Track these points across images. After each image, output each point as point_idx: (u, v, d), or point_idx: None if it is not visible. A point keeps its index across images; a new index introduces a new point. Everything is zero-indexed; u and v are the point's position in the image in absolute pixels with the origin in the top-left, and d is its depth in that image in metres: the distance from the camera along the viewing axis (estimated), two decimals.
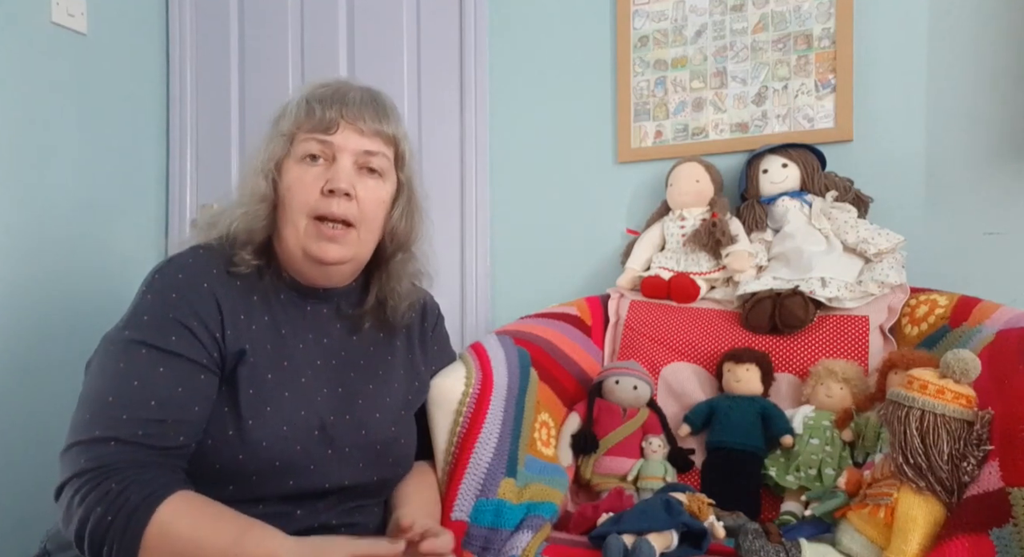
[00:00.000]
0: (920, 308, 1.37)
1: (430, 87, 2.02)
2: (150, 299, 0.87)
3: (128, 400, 0.81)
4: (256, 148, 0.98)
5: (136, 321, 0.86)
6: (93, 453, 0.79)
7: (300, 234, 0.93)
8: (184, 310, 0.86)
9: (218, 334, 0.88)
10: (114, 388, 0.82)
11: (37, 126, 1.89)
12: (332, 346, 1.00)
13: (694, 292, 1.57)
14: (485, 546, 1.05)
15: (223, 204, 0.99)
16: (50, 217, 1.91)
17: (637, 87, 1.82)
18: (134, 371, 0.83)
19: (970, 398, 0.93)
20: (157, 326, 0.85)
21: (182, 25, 2.28)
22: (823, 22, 1.65)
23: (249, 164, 0.98)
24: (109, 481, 0.77)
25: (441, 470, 1.14)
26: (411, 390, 1.08)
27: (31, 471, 1.82)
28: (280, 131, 0.96)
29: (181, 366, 0.84)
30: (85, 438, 0.80)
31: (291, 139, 0.95)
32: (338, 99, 0.95)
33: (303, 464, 0.91)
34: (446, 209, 2.00)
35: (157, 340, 0.84)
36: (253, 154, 0.98)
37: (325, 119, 0.93)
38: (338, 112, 0.94)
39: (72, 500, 0.78)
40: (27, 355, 1.84)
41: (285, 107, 0.98)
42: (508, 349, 1.30)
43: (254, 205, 0.93)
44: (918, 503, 0.90)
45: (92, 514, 0.76)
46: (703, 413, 1.37)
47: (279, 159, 0.95)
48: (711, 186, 1.62)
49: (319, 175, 0.93)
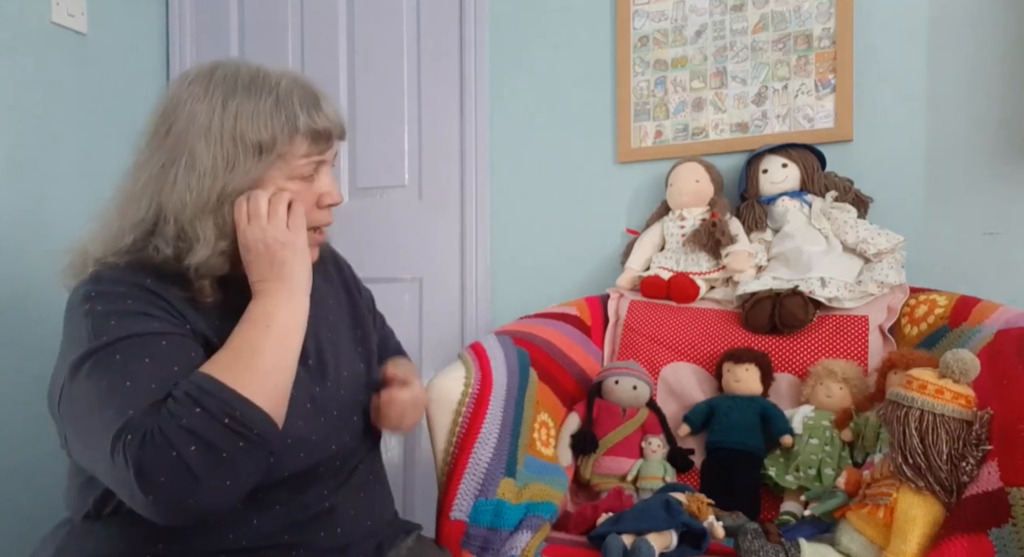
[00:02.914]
0: (920, 308, 1.37)
1: (430, 87, 2.02)
2: (100, 310, 0.79)
3: (128, 398, 0.74)
4: (187, 163, 0.83)
5: (101, 331, 0.78)
6: (124, 445, 0.71)
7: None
8: (141, 303, 0.81)
9: (178, 321, 0.83)
10: (107, 398, 0.75)
11: (37, 126, 1.90)
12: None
13: (694, 292, 1.57)
14: (484, 546, 1.05)
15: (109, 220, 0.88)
16: (50, 217, 1.91)
17: (637, 87, 1.82)
18: (122, 373, 0.76)
19: (969, 398, 0.93)
20: (121, 325, 0.78)
21: (182, 25, 2.29)
22: (823, 22, 1.65)
23: (191, 186, 0.83)
24: (152, 425, 0.72)
25: (440, 470, 1.14)
26: (355, 336, 1.05)
27: (31, 474, 1.82)
28: (268, 150, 0.84)
29: (164, 345, 0.79)
30: (107, 445, 0.72)
31: (282, 158, 0.86)
32: (323, 108, 0.88)
33: (305, 436, 0.88)
34: (446, 209, 2.00)
35: (129, 331, 0.78)
36: (186, 172, 0.83)
37: (328, 136, 0.89)
38: (326, 121, 0.88)
39: (134, 452, 0.70)
40: (27, 355, 1.84)
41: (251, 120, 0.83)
42: (508, 349, 1.30)
43: (218, 243, 0.84)
44: (917, 503, 0.90)
45: (179, 435, 0.71)
46: (703, 413, 1.37)
47: (258, 180, 0.85)
48: (711, 186, 1.62)
49: (308, 188, 0.89)
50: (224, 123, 0.83)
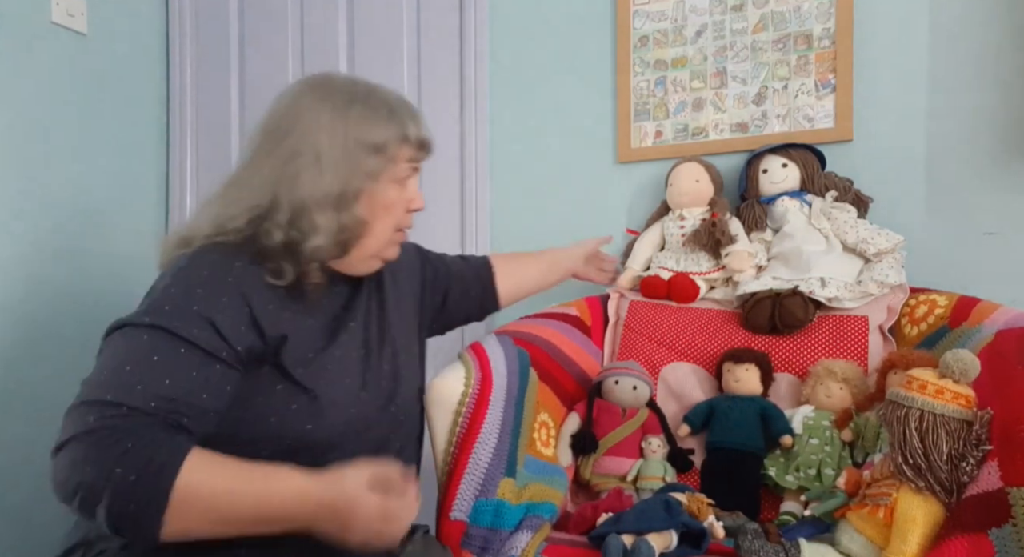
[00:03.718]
0: (920, 308, 1.37)
1: (430, 87, 2.02)
2: (174, 292, 0.88)
3: (145, 372, 0.81)
4: (320, 159, 0.94)
5: (158, 310, 0.86)
6: (103, 414, 0.78)
7: (382, 244, 1.01)
8: (208, 305, 0.87)
9: (243, 327, 0.89)
10: (132, 360, 0.82)
11: (37, 126, 1.89)
12: (354, 321, 1.05)
13: (694, 292, 1.57)
14: (484, 546, 1.05)
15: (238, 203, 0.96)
16: (50, 217, 1.91)
17: (637, 87, 1.82)
18: (154, 349, 0.83)
19: (969, 398, 0.93)
20: (179, 316, 0.85)
21: (182, 25, 2.29)
22: (823, 22, 1.65)
23: (326, 181, 0.93)
24: (125, 441, 0.76)
25: (440, 470, 1.14)
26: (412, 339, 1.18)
27: (31, 475, 1.82)
28: (381, 153, 0.96)
29: (198, 354, 0.85)
30: (95, 399, 0.79)
31: (392, 160, 0.98)
32: (421, 122, 1.01)
33: (361, 429, 0.97)
34: (446, 209, 2.00)
35: (178, 329, 0.84)
36: (319, 168, 0.93)
37: (427, 146, 1.02)
38: (427, 133, 1.02)
39: (78, 458, 0.75)
40: (27, 355, 1.84)
41: (370, 125, 0.96)
42: (508, 349, 1.30)
43: (341, 236, 0.95)
44: (917, 503, 0.90)
45: (110, 474, 0.74)
46: (703, 413, 1.37)
47: (374, 179, 0.97)
48: (711, 186, 1.62)
49: (401, 194, 1.01)
50: (347, 127, 0.95)
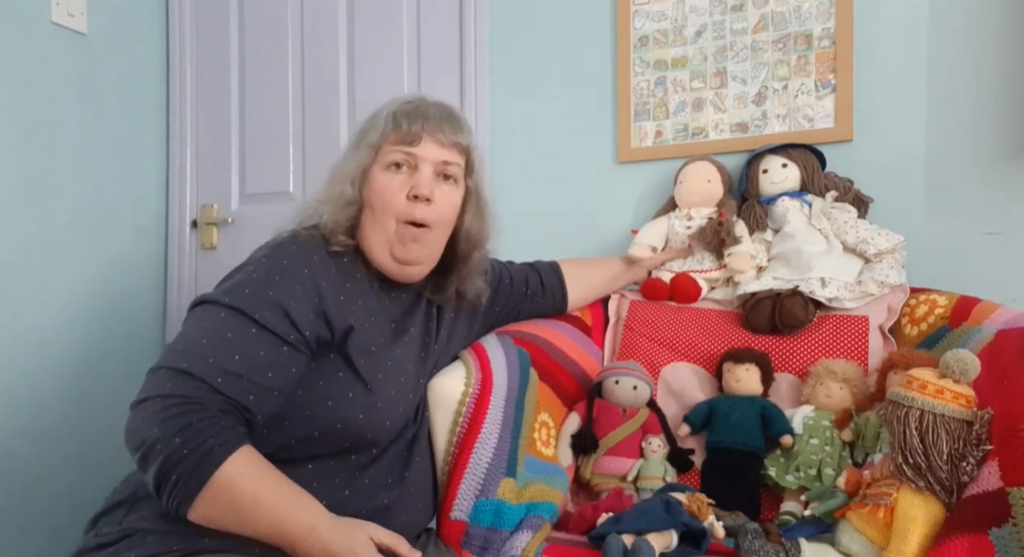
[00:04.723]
0: (920, 308, 1.37)
1: (430, 86, 2.02)
2: (255, 277, 0.96)
3: (219, 347, 0.89)
4: (342, 156, 1.12)
5: (237, 292, 0.94)
6: (180, 383, 0.86)
7: (389, 235, 1.06)
8: (284, 292, 0.95)
9: (312, 316, 0.96)
10: (209, 333, 0.91)
11: (37, 126, 1.90)
12: (414, 328, 1.14)
13: (696, 292, 1.56)
14: (484, 546, 1.06)
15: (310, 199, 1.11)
16: (50, 217, 1.91)
17: (637, 87, 1.82)
18: (229, 327, 0.91)
19: (969, 398, 0.93)
20: (255, 300, 0.93)
21: (182, 25, 2.29)
22: (823, 22, 1.65)
23: (335, 170, 1.11)
24: (192, 415, 0.83)
25: (441, 470, 1.14)
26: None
27: (32, 470, 1.83)
28: (368, 142, 1.08)
29: (267, 336, 0.92)
30: (174, 366, 0.87)
31: (378, 149, 1.08)
32: (420, 114, 1.07)
33: (402, 427, 1.06)
34: None
35: (253, 312, 0.92)
36: (339, 161, 1.11)
37: (410, 132, 1.06)
38: (420, 126, 1.06)
39: (153, 417, 0.83)
40: (27, 355, 1.84)
41: (372, 121, 1.10)
42: (508, 349, 1.30)
43: (341, 207, 1.06)
44: (917, 503, 0.90)
45: (169, 442, 0.81)
46: (703, 413, 1.37)
47: (366, 167, 1.08)
48: (722, 187, 1.61)
49: (404, 182, 1.06)
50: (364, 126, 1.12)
